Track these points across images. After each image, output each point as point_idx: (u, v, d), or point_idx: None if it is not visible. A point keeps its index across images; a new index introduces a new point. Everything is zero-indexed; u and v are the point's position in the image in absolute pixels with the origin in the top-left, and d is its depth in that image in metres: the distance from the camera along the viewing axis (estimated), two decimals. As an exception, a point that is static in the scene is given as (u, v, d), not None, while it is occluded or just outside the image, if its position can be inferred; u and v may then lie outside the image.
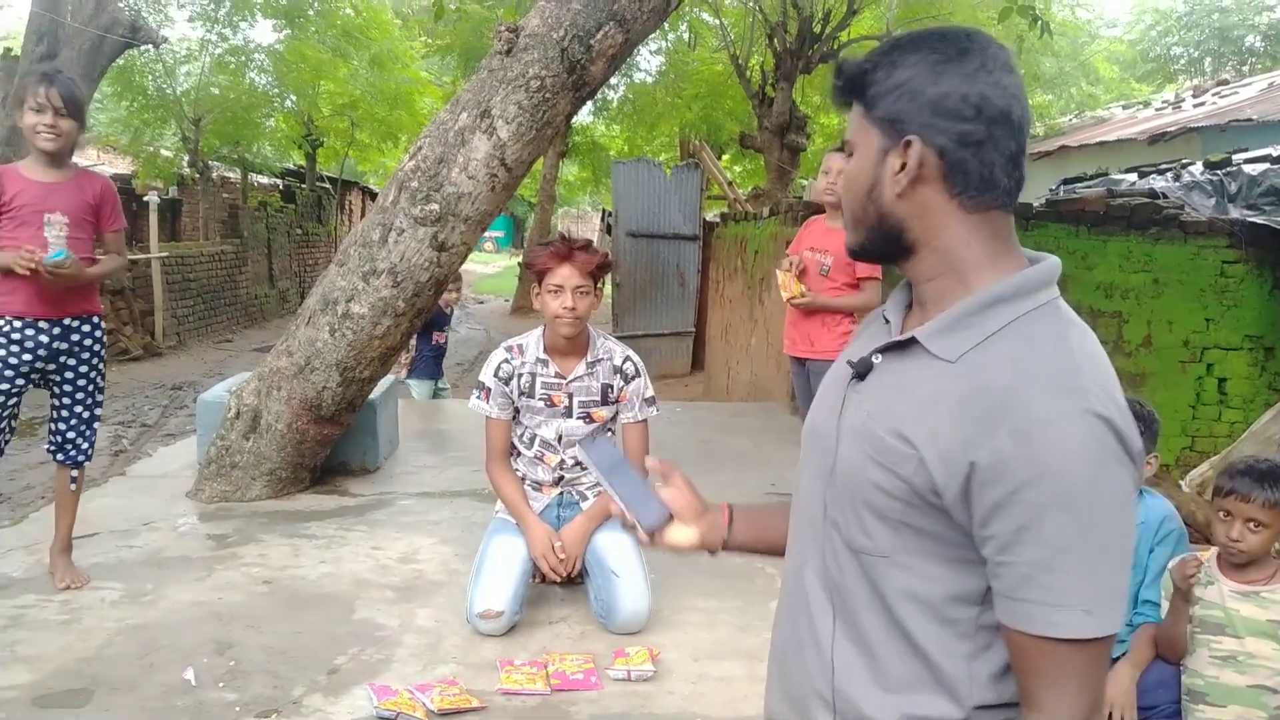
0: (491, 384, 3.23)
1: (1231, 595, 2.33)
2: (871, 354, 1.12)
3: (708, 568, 3.84)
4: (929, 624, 1.04)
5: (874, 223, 1.10)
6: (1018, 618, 0.97)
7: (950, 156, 1.04)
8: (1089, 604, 0.95)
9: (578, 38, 4.16)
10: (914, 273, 1.11)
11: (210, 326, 14.69)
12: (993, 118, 1.03)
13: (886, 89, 1.06)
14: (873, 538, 1.06)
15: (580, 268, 3.07)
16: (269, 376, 4.54)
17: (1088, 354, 1.00)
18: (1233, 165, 6.90)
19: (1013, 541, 0.95)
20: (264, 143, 18.58)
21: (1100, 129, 13.58)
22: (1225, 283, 6.21)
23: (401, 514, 4.47)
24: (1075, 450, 0.93)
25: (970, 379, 1.00)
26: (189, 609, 3.32)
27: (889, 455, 1.03)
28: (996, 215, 1.07)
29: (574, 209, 40.97)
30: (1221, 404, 6.30)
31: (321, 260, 20.46)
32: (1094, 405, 0.94)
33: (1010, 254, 1.08)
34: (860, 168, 1.10)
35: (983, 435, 0.96)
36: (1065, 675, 0.97)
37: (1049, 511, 0.93)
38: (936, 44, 1.05)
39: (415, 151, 4.38)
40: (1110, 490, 0.95)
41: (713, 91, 14.59)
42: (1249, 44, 23.85)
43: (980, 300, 1.03)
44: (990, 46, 1.05)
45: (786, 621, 1.21)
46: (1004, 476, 0.95)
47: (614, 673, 2.90)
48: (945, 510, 1.00)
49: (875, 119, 1.08)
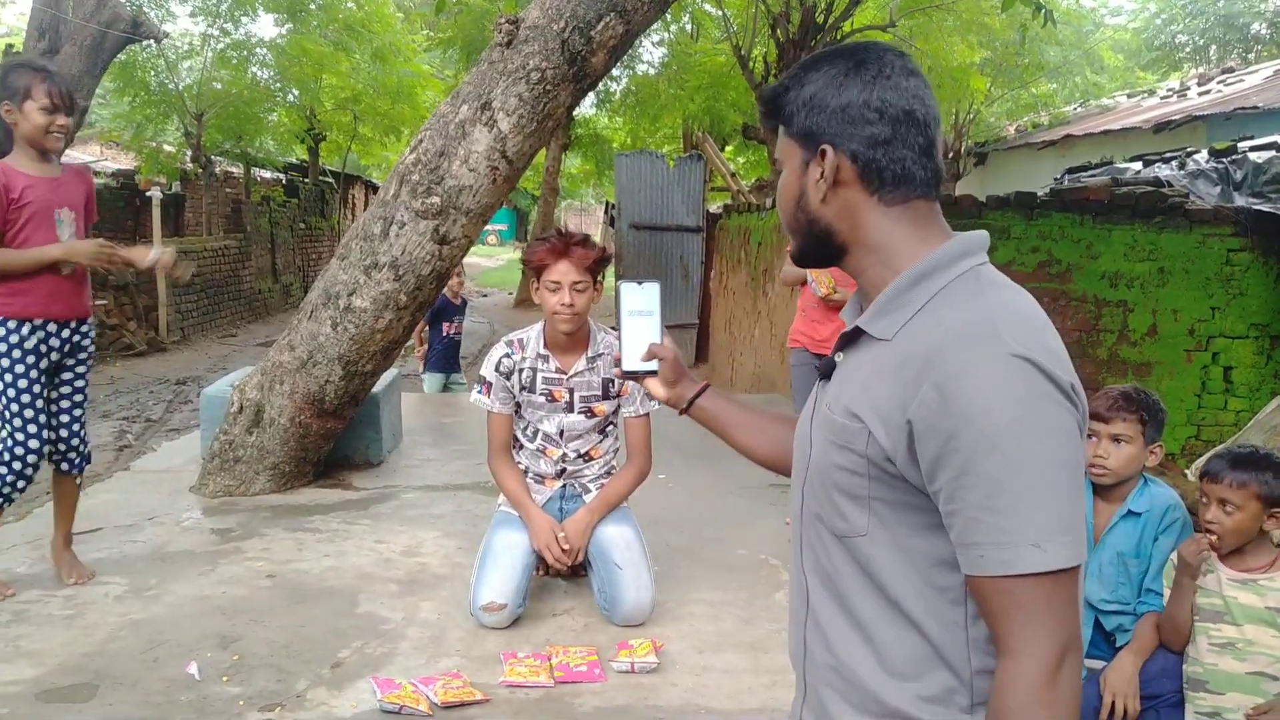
0: (493, 378, 3.22)
1: (1229, 583, 2.35)
2: (833, 354, 1.20)
3: (711, 560, 3.84)
4: (919, 596, 1.07)
5: (805, 228, 1.19)
6: (973, 563, 0.99)
7: (862, 159, 1.12)
8: (1035, 538, 0.96)
9: (578, 29, 4.14)
10: (853, 269, 1.18)
11: (214, 321, 14.70)
12: (896, 118, 1.11)
13: (798, 106, 1.15)
14: (849, 520, 1.10)
15: (578, 263, 3.05)
16: (272, 371, 4.55)
17: (1006, 305, 1.04)
18: (1238, 153, 6.86)
19: (955, 489, 0.99)
20: (266, 137, 18.58)
21: (1105, 118, 13.52)
22: (1231, 271, 6.17)
23: (405, 507, 4.47)
24: (992, 390, 0.97)
25: (902, 349, 1.05)
26: (193, 603, 3.33)
27: (843, 434, 1.10)
28: (919, 204, 1.14)
29: (577, 202, 40.91)
30: (1227, 393, 6.28)
31: (325, 254, 20.46)
32: (1011, 347, 0.98)
33: (935, 236, 1.14)
34: (787, 180, 1.19)
35: (912, 395, 1.01)
36: (1028, 613, 0.97)
37: (978, 453, 0.97)
38: (836, 59, 1.14)
39: (416, 145, 4.37)
40: (1038, 424, 0.97)
41: (716, 83, 14.52)
42: (1254, 31, 23.68)
43: (906, 280, 1.10)
44: (886, 54, 1.14)
45: (794, 621, 1.25)
46: (935, 428, 0.99)
47: (618, 664, 2.90)
48: (902, 476, 1.05)
49: (793, 135, 1.17)
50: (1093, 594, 2.71)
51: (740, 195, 11.96)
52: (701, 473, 4.95)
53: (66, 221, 3.31)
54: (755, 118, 12.53)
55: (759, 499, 4.58)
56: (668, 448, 5.09)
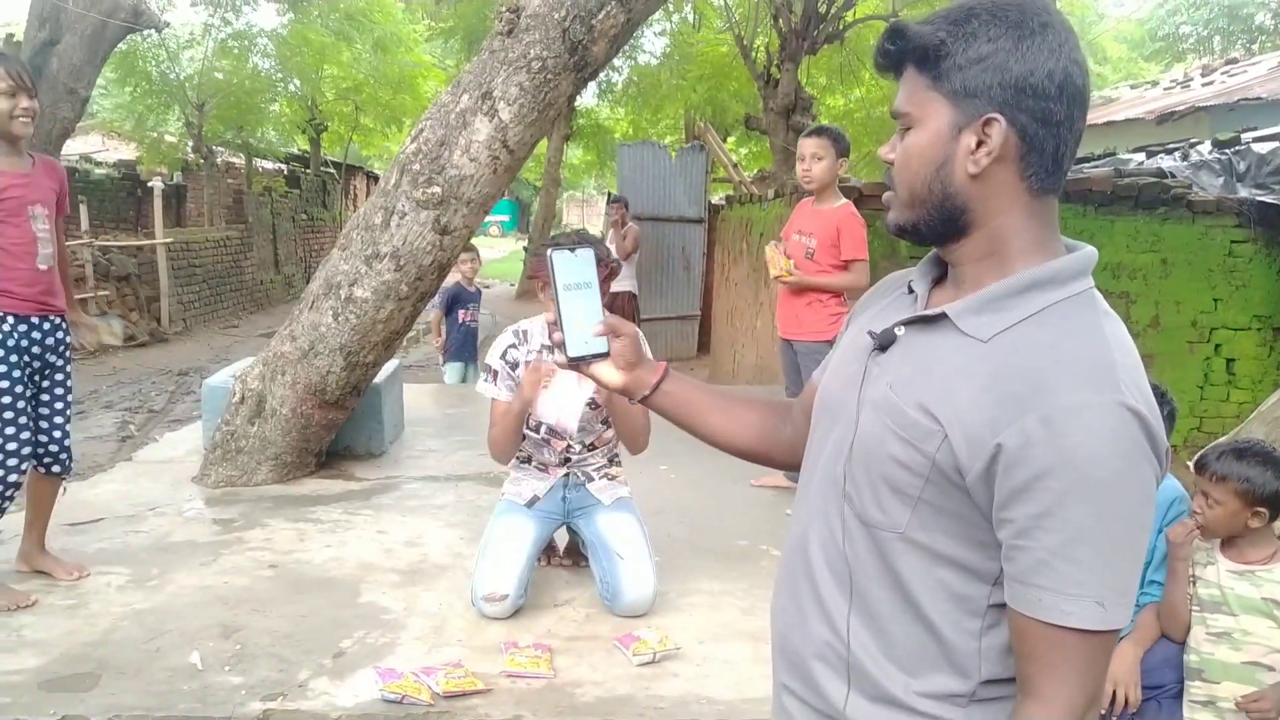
0: (499, 367, 3.22)
1: (1228, 574, 2.37)
2: (895, 325, 1.09)
3: (713, 550, 3.84)
4: (940, 601, 1.03)
5: (938, 201, 1.05)
6: (1029, 604, 0.96)
7: (1031, 137, 1.00)
8: (1101, 596, 0.93)
9: (579, 18, 4.13)
10: (958, 254, 1.08)
11: (216, 312, 14.71)
12: (1073, 96, 1.00)
13: (965, 61, 1.00)
14: (887, 513, 1.05)
15: None
16: (273, 361, 4.54)
17: (1122, 346, 0.98)
18: (1241, 144, 6.83)
19: (1031, 527, 0.94)
20: (268, 128, 18.59)
21: (1108, 109, 13.48)
22: (1234, 262, 6.17)
23: (407, 498, 4.48)
24: (1103, 441, 0.92)
25: (1001, 360, 0.98)
26: (195, 593, 3.33)
27: (912, 430, 1.02)
28: (1052, 200, 1.05)
29: (579, 192, 40.83)
30: (1230, 384, 6.28)
31: (326, 245, 20.44)
32: (1126, 398, 0.93)
33: (1054, 240, 1.06)
34: (926, 143, 1.05)
35: (1011, 418, 0.94)
36: (1069, 665, 0.95)
37: (1070, 500, 0.92)
38: (1018, 17, 1.00)
39: (417, 134, 4.36)
40: (1133, 485, 0.93)
41: (718, 73, 14.50)
42: (1259, 22, 23.58)
43: (1018, 283, 1.01)
44: (1065, 20, 1.02)
45: (786, 588, 1.20)
46: (1029, 460, 0.93)
47: (639, 659, 2.89)
48: (965, 489, 0.99)
49: (948, 92, 1.02)
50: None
51: (742, 186, 11.95)
52: (702, 463, 4.95)
53: (41, 219, 3.18)
54: (757, 108, 12.50)
55: (761, 489, 4.58)
56: (668, 438, 5.08)
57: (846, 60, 12.72)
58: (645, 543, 3.24)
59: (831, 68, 13.66)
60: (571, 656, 2.93)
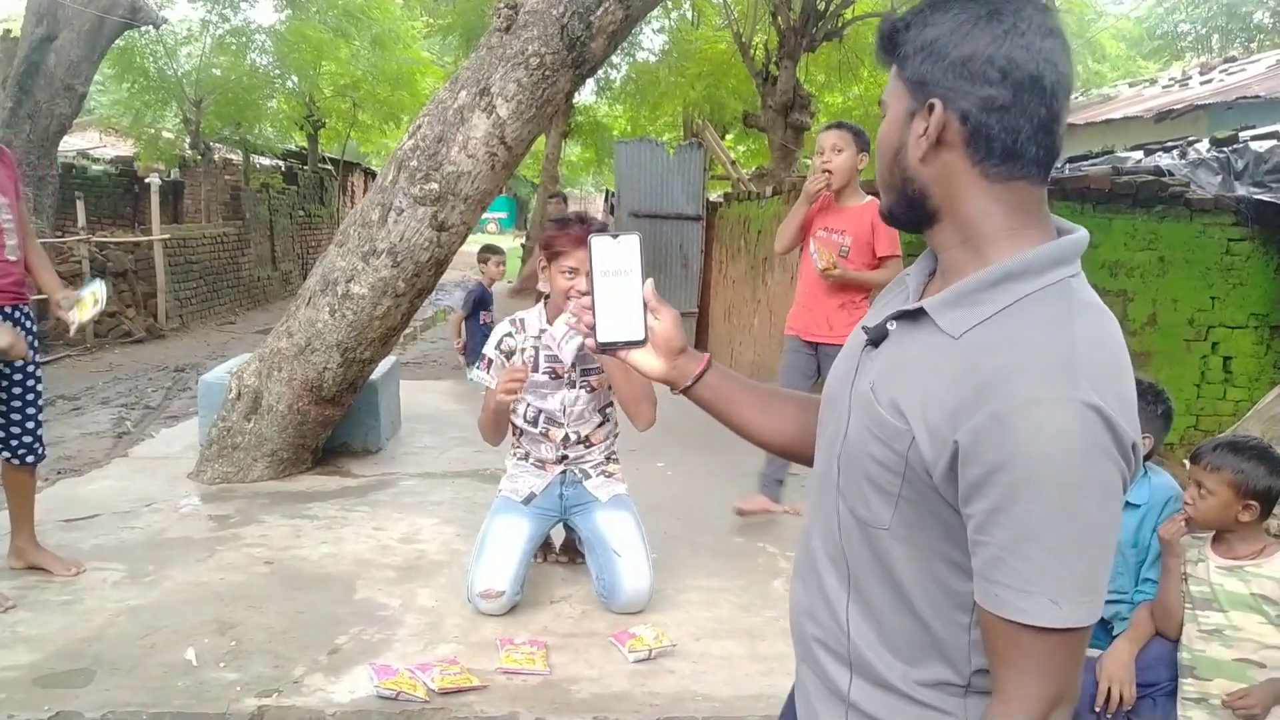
0: (493, 355, 3.22)
1: (1217, 570, 2.37)
2: (887, 320, 1.09)
3: (709, 547, 3.84)
4: (929, 594, 1.04)
5: (899, 186, 1.08)
6: (989, 599, 0.96)
7: (973, 121, 1.00)
8: (1055, 594, 0.92)
9: (578, 14, 4.12)
10: (935, 241, 1.09)
11: (213, 308, 14.67)
12: (1020, 82, 0.99)
13: (915, 49, 1.03)
14: (872, 510, 1.05)
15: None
16: (270, 358, 4.54)
17: (1092, 340, 0.96)
18: (1240, 142, 6.83)
19: (986, 522, 0.94)
20: (265, 124, 18.53)
21: (1106, 107, 13.48)
22: (1231, 261, 6.16)
23: (403, 494, 4.47)
24: (1052, 438, 0.90)
25: (967, 357, 0.97)
26: (190, 589, 3.33)
27: (885, 429, 1.02)
28: (1022, 186, 1.03)
29: (577, 189, 40.82)
30: (1226, 383, 6.27)
31: (324, 242, 20.40)
32: (1082, 394, 0.91)
33: (1034, 227, 1.03)
34: (888, 129, 1.09)
35: (966, 414, 0.94)
36: (1028, 662, 0.95)
37: (1019, 495, 0.91)
38: (968, 3, 1.01)
39: (414, 130, 4.36)
40: (1088, 482, 0.91)
41: (716, 70, 14.50)
42: (1257, 20, 23.58)
43: (991, 275, 1.00)
44: (1026, 8, 1.00)
45: (798, 576, 1.23)
46: (980, 457, 0.93)
47: (634, 655, 2.89)
48: (935, 488, 0.99)
49: (904, 79, 1.05)
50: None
51: (740, 183, 11.94)
52: (699, 460, 4.95)
53: (3, 208, 3.12)
54: (755, 105, 12.50)
55: (757, 486, 4.57)
56: (666, 435, 5.09)
57: (845, 58, 12.71)
58: (642, 540, 3.24)
59: (830, 65, 13.65)
60: (567, 653, 2.93)
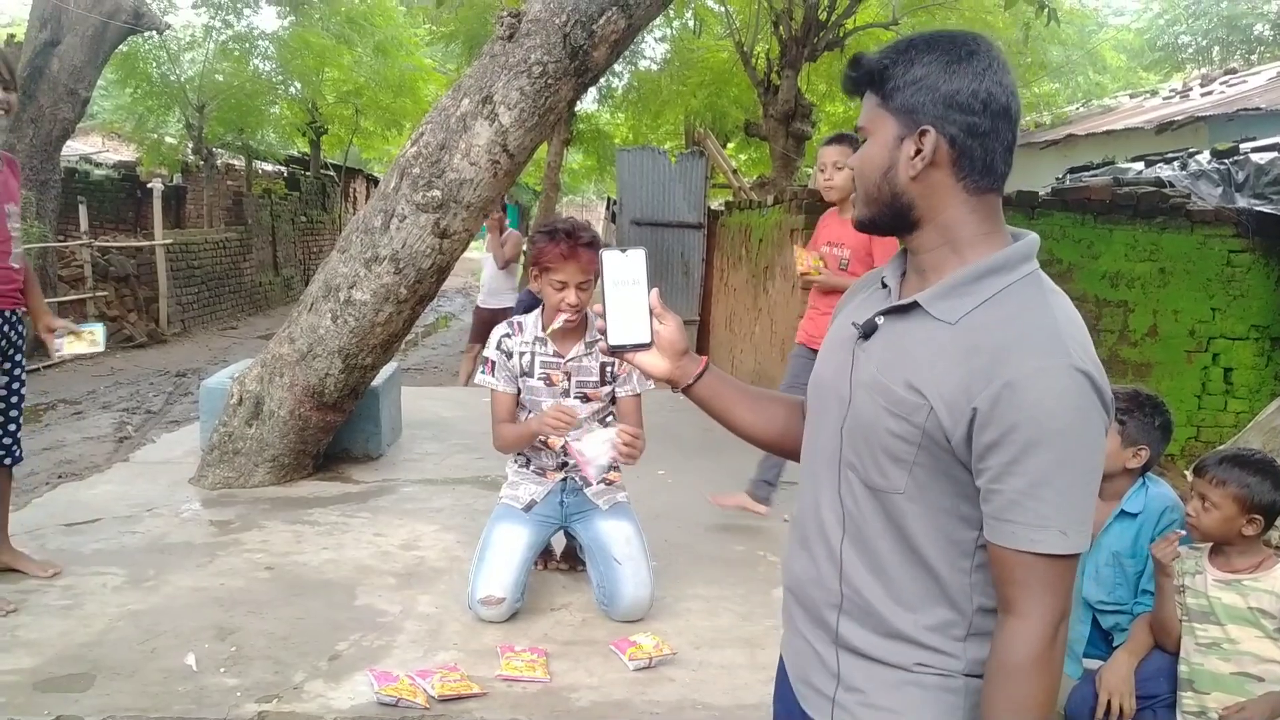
0: (495, 357, 3.23)
1: (1215, 584, 2.36)
2: (875, 316, 1.26)
3: (710, 556, 3.84)
4: (937, 545, 1.21)
5: (888, 200, 1.24)
6: (1004, 536, 1.14)
7: (960, 145, 1.19)
8: (1064, 526, 1.12)
9: (580, 23, 4.14)
10: (915, 244, 1.26)
11: (214, 314, 14.70)
12: (996, 112, 1.19)
13: (904, 83, 1.20)
14: (888, 478, 1.21)
15: (585, 266, 3.05)
16: (271, 363, 4.54)
17: (1068, 318, 1.17)
18: (1240, 154, 6.86)
19: (1003, 473, 1.12)
20: (268, 130, 18.57)
21: (1107, 118, 13.50)
22: (1232, 272, 6.17)
23: (404, 501, 4.47)
24: (1058, 397, 1.10)
25: (969, 338, 1.15)
26: (191, 594, 3.33)
27: (902, 405, 1.18)
28: (991, 197, 1.23)
29: (579, 197, 40.84)
30: (1227, 394, 6.28)
31: (326, 247, 20.42)
32: (1075, 361, 1.11)
33: (999, 231, 1.24)
34: (875, 151, 1.24)
35: (981, 385, 1.12)
36: (1041, 584, 1.14)
37: (1034, 448, 1.10)
38: (948, 45, 1.20)
39: (417, 138, 4.37)
40: (1086, 432, 1.12)
41: (718, 79, 14.51)
42: (1257, 32, 23.61)
43: (975, 271, 1.19)
44: (992, 49, 1.21)
45: (800, 549, 1.36)
46: (998, 419, 1.11)
47: (635, 664, 2.89)
48: (951, 450, 1.16)
49: (892, 109, 1.22)
50: (1090, 594, 2.72)
51: (741, 192, 11.95)
52: (700, 468, 4.95)
53: (14, 216, 3.11)
54: (757, 114, 12.52)
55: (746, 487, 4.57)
56: (666, 442, 5.09)
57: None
58: (642, 548, 3.24)
59: (832, 75, 13.64)
60: (567, 661, 2.93)
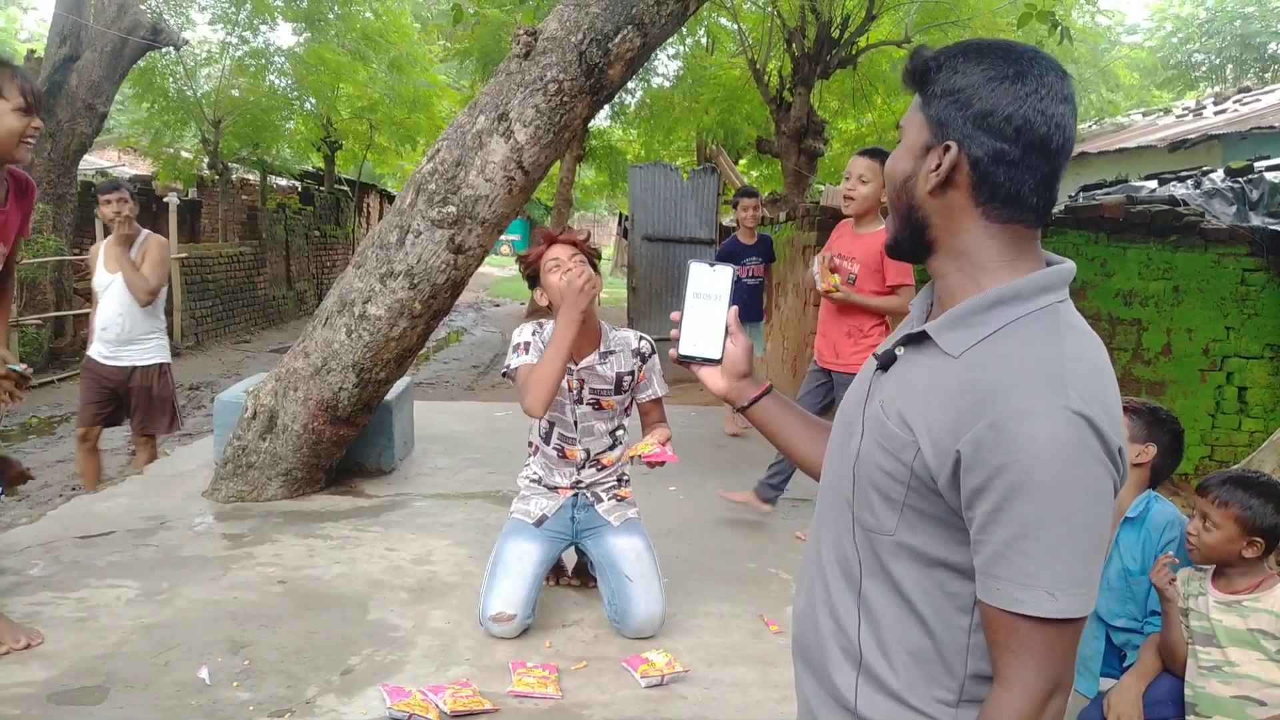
0: (529, 340, 3.22)
1: (1216, 605, 2.35)
2: (895, 346, 1.18)
3: (721, 573, 3.83)
4: (930, 598, 1.10)
5: (905, 213, 1.16)
6: (989, 592, 1.03)
7: (982, 170, 1.08)
8: (1051, 586, 1.00)
9: (596, 41, 4.17)
10: (933, 269, 1.17)
11: (228, 327, 14.77)
12: (1030, 142, 1.07)
13: (942, 90, 1.10)
14: (878, 517, 1.13)
15: (567, 244, 3.21)
16: (286, 377, 4.56)
17: (1079, 358, 1.04)
18: (1254, 172, 6.84)
19: (988, 522, 1.02)
20: (283, 145, 18.69)
21: (1120, 136, 13.50)
22: (1246, 291, 6.15)
23: (416, 515, 4.48)
24: (1045, 443, 0.98)
25: (966, 374, 1.05)
26: (204, 608, 3.34)
27: (893, 441, 1.10)
28: (1020, 229, 1.11)
29: (591, 213, 40.97)
30: (1241, 413, 6.24)
31: (339, 262, 20.55)
32: (1071, 403, 0.99)
33: (1026, 261, 1.11)
34: (903, 156, 1.16)
35: (967, 425, 1.02)
36: (1026, 650, 1.02)
37: (1016, 496, 0.99)
38: (999, 59, 1.08)
39: (433, 154, 4.40)
40: (1078, 483, 0.99)
41: (730, 96, 14.57)
42: (1271, 51, 23.60)
43: (984, 300, 1.08)
44: (1049, 73, 1.08)
45: (804, 590, 1.29)
46: (982, 463, 1.01)
47: (647, 681, 2.88)
48: (940, 494, 1.06)
49: (928, 114, 1.12)
50: (1102, 607, 2.70)
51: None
52: (711, 485, 4.95)
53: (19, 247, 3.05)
54: (769, 131, 12.55)
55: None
56: (680, 457, 5.08)
57: (859, 85, 12.77)
58: (654, 565, 3.24)
59: (844, 92, 13.71)
60: (579, 677, 2.93)
